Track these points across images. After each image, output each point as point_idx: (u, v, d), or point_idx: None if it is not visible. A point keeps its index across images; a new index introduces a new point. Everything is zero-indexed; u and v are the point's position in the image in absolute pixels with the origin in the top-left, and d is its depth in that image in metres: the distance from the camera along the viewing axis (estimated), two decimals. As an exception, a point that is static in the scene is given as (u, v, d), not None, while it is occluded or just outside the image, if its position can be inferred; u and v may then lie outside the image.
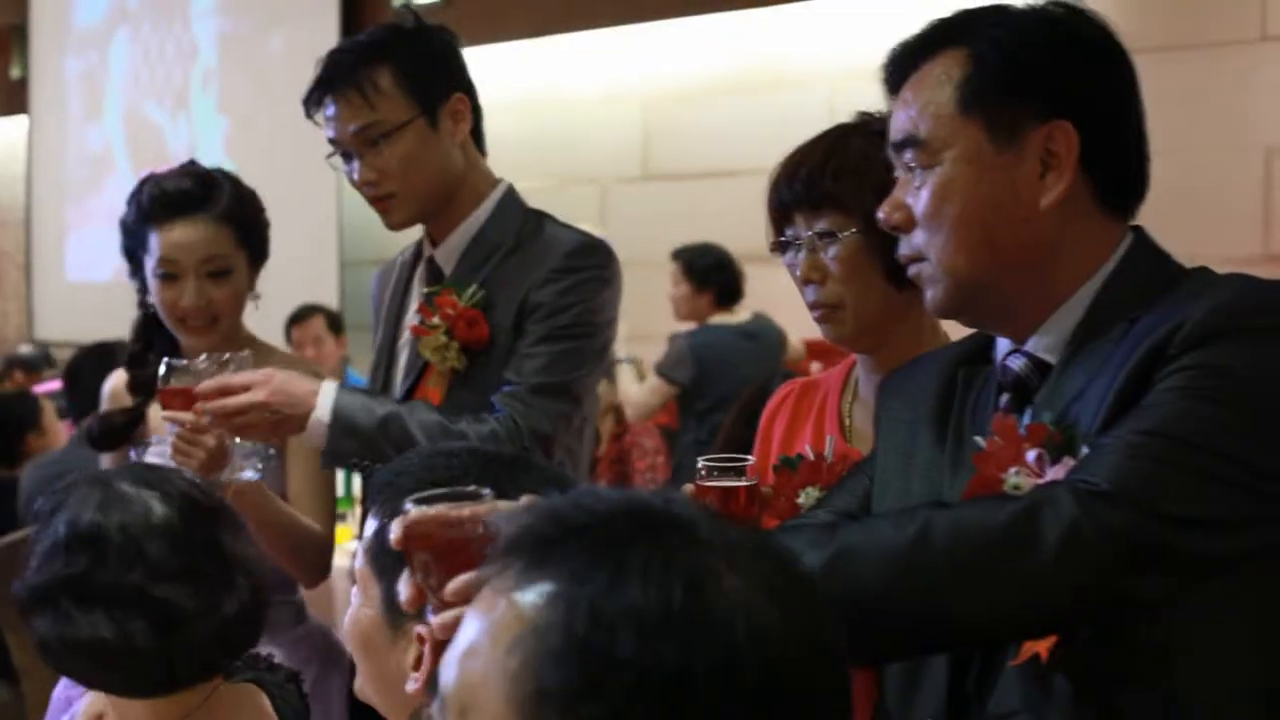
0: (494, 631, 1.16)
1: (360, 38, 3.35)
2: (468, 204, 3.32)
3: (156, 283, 3.48)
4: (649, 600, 1.11)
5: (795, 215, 2.56)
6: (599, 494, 1.22)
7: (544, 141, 8.65)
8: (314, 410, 3.10)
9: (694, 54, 8.25)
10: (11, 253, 12.90)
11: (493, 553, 1.22)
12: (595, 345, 3.25)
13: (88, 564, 2.30)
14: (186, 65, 11.12)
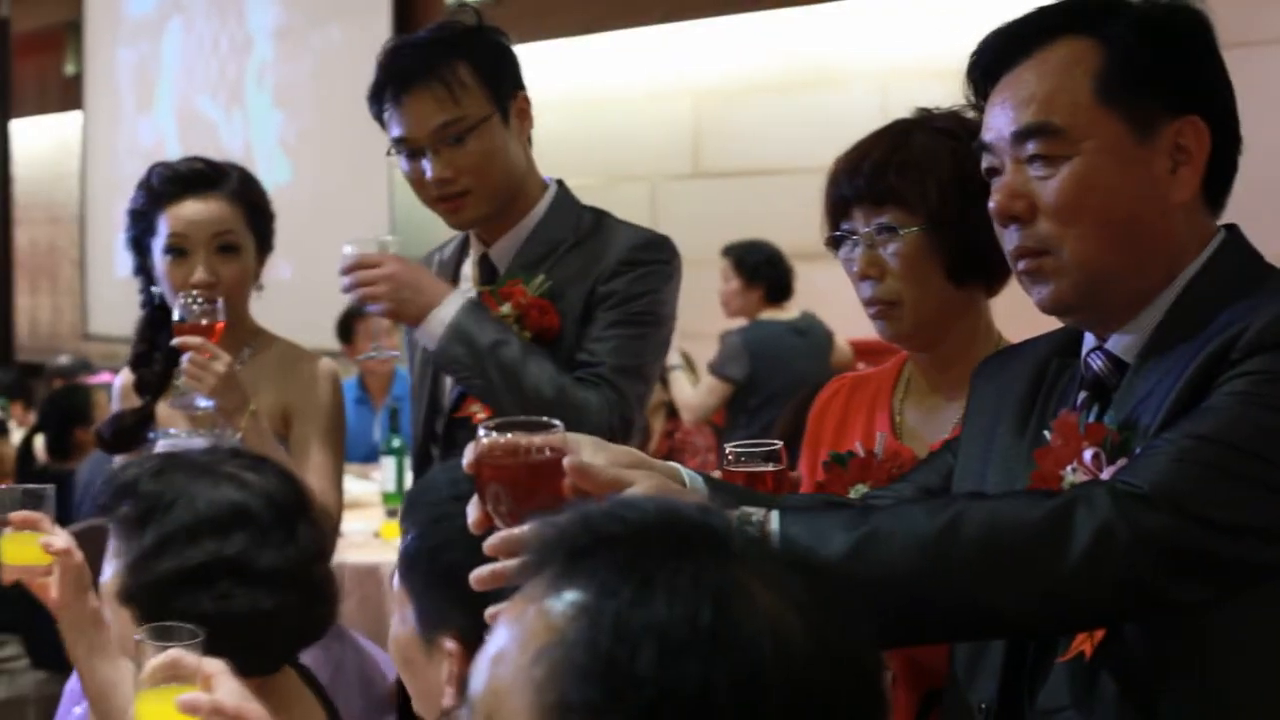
0: (522, 639, 1.15)
1: (426, 34, 3.32)
2: (524, 204, 3.32)
3: (165, 261, 3.50)
4: (674, 616, 1.10)
5: (854, 210, 2.54)
6: (635, 503, 1.22)
7: (594, 139, 8.65)
8: (438, 307, 3.15)
9: (745, 51, 8.24)
10: (66, 249, 12.98)
11: (526, 557, 1.22)
12: (662, 334, 3.26)
13: (247, 542, 2.38)
14: (240, 59, 11.15)
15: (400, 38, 3.36)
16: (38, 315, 13.72)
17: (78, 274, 12.66)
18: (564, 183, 3.40)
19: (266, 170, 9.08)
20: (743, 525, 1.73)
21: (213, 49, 11.38)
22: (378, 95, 3.27)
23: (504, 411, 3.08)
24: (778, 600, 1.14)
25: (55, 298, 13.41)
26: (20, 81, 13.60)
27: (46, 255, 13.46)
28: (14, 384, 10.30)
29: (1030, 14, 2.03)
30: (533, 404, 3.05)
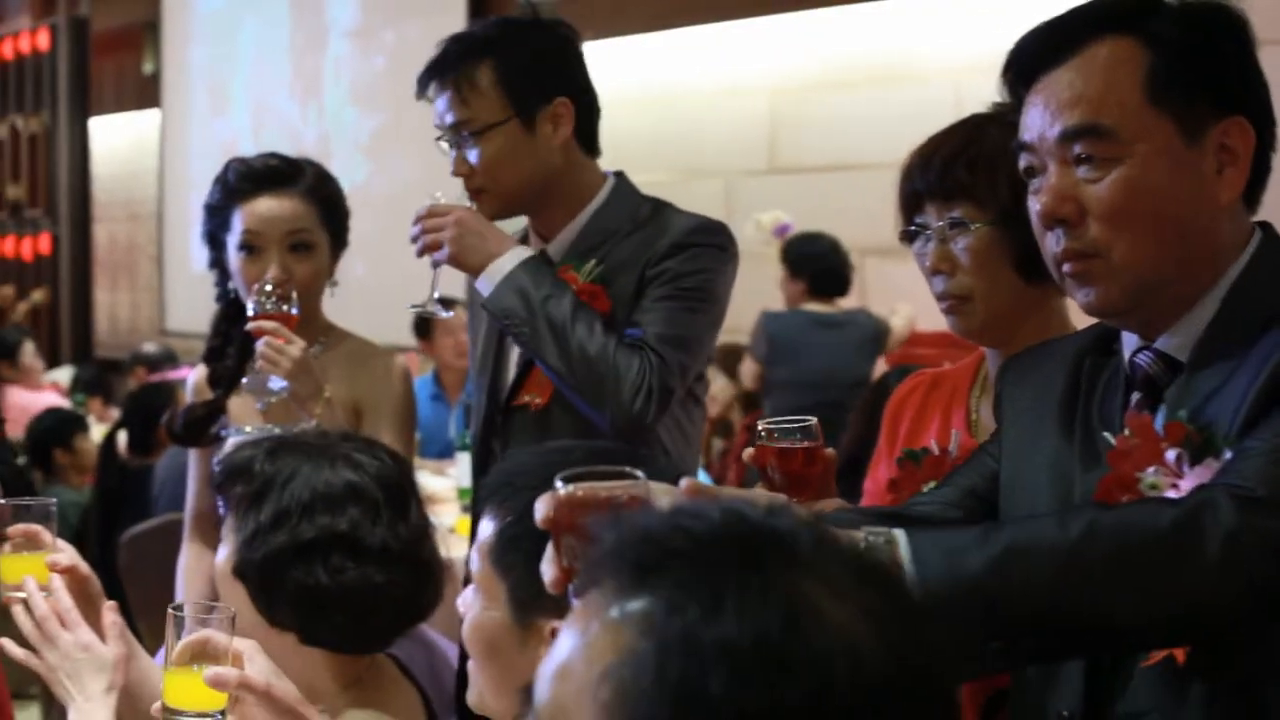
0: (588, 655, 1.14)
1: (474, 30, 3.35)
2: (576, 200, 3.32)
3: (239, 258, 3.51)
4: (743, 634, 1.08)
5: (927, 204, 2.53)
6: (698, 513, 1.18)
7: (669, 135, 8.65)
8: (499, 257, 3.18)
9: (820, 46, 8.22)
10: (144, 245, 13.08)
11: (589, 567, 1.21)
12: (713, 312, 3.25)
13: (359, 519, 2.42)
14: (316, 57, 11.20)
15: (455, 33, 3.38)
16: (117, 312, 13.83)
17: (156, 270, 12.75)
18: (625, 175, 3.40)
19: (342, 168, 9.05)
20: (869, 547, 1.73)
21: (289, 47, 11.44)
22: (419, 85, 3.32)
23: (548, 364, 3.12)
24: (849, 612, 1.12)
25: (134, 294, 13.51)
26: (99, 80, 13.72)
27: (125, 252, 13.57)
28: (94, 380, 10.39)
29: (1068, 13, 2.01)
30: (576, 360, 3.09)
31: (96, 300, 14.01)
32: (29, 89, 14.24)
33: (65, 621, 2.46)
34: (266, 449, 2.53)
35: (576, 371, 3.10)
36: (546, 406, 3.27)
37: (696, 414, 3.36)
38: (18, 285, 14.32)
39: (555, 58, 3.32)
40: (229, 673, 2.18)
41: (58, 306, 13.98)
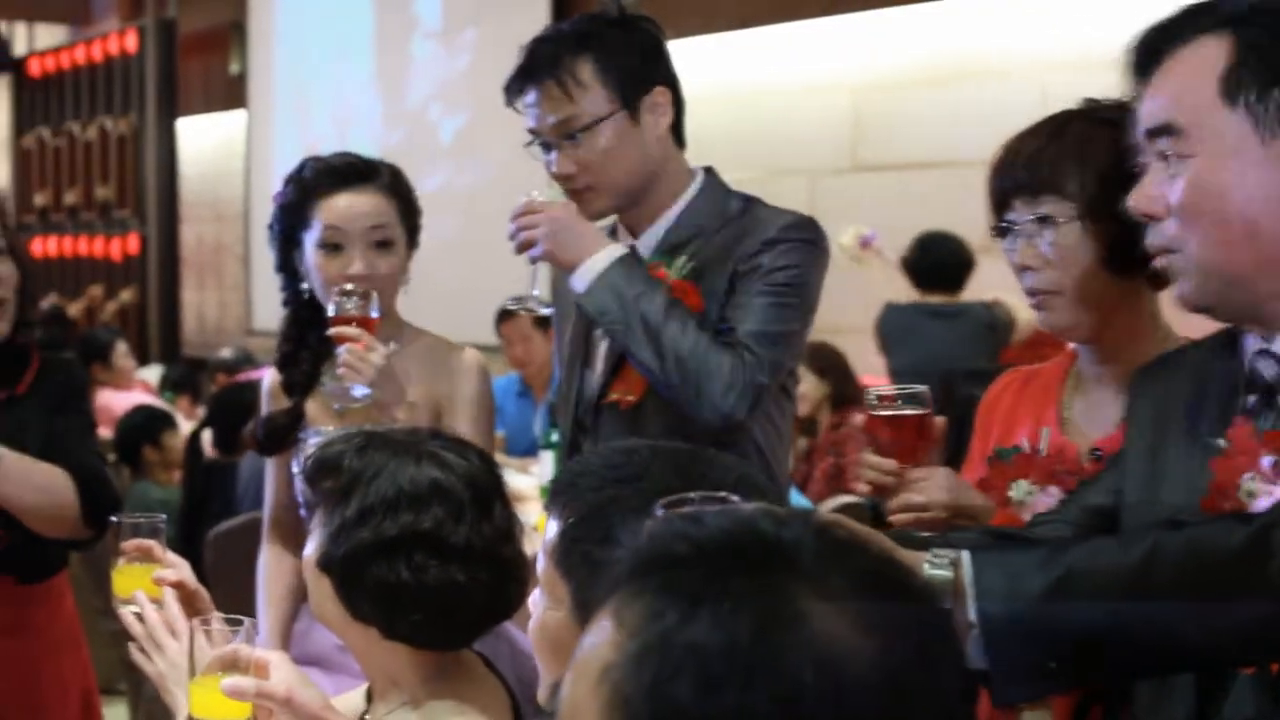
0: (594, 655, 1.16)
1: (563, 27, 3.35)
2: (667, 196, 3.32)
3: (319, 255, 3.50)
4: (712, 641, 1.08)
5: (1015, 200, 2.52)
6: (707, 520, 1.18)
7: (752, 133, 8.64)
8: (591, 257, 3.19)
9: (904, 44, 8.18)
10: (231, 245, 13.17)
11: (612, 576, 1.21)
12: (805, 307, 3.25)
13: (443, 518, 2.42)
14: (400, 56, 11.25)
15: (542, 31, 3.38)
16: (204, 311, 13.94)
17: (242, 270, 12.85)
18: (714, 171, 3.39)
19: (424, 169, 9.15)
20: (934, 568, 1.72)
21: (372, 48, 11.49)
22: (509, 88, 3.31)
23: (642, 361, 3.13)
24: (839, 623, 1.10)
25: (221, 293, 13.62)
26: (186, 81, 13.84)
27: (212, 252, 13.68)
28: (181, 379, 10.48)
29: (1179, 10, 2.00)
30: (669, 357, 3.10)
31: (184, 300, 14.13)
32: (117, 91, 14.38)
33: (173, 631, 2.53)
34: (356, 445, 2.55)
35: (669, 368, 3.11)
36: (638, 404, 3.28)
37: (788, 409, 3.36)
38: (107, 285, 14.47)
39: (650, 48, 3.33)
40: (247, 682, 2.21)
41: (146, 306, 14.12)
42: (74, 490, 3.50)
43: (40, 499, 3.47)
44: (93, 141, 14.76)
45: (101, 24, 15.03)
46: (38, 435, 3.52)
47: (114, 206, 14.49)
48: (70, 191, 15.13)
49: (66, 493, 3.49)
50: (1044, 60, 7.36)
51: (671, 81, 3.33)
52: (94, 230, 14.78)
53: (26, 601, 3.58)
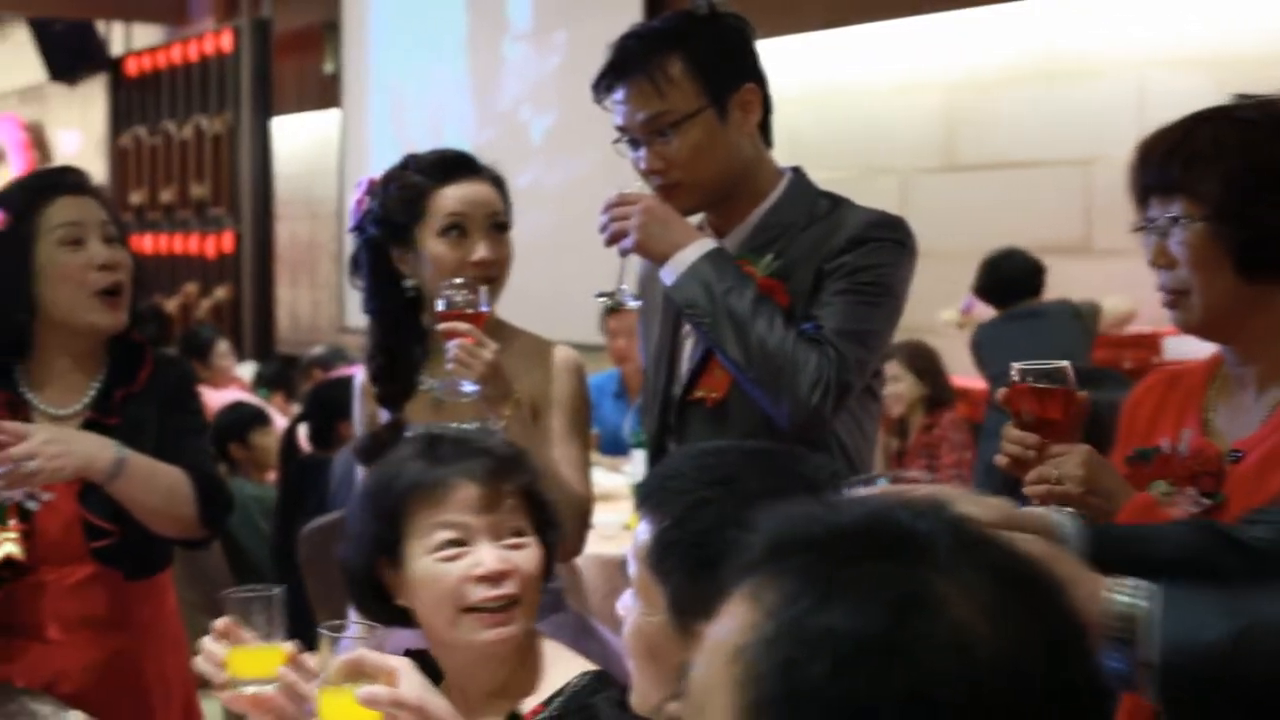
0: (728, 634, 1.16)
1: (653, 24, 3.35)
2: (755, 194, 3.32)
3: (442, 243, 3.52)
4: (849, 624, 1.09)
5: (1151, 198, 2.51)
6: (844, 506, 1.21)
7: (843, 132, 8.62)
8: (681, 250, 3.20)
9: (996, 42, 8.14)
10: (325, 243, 13.26)
11: (743, 558, 1.22)
12: (891, 306, 3.24)
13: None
14: (492, 55, 11.29)
15: (632, 28, 3.39)
16: (297, 308, 14.04)
17: (336, 268, 12.92)
18: (802, 170, 3.39)
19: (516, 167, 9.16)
20: (1117, 594, 1.71)
21: (465, 47, 11.53)
22: (597, 85, 3.32)
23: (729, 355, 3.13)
24: (972, 612, 1.11)
25: (314, 291, 13.70)
26: (281, 81, 13.93)
27: (306, 250, 13.77)
28: (276, 375, 10.55)
29: None
30: (755, 353, 3.10)
31: (278, 297, 14.23)
32: (213, 90, 14.50)
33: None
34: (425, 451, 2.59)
35: (756, 364, 3.11)
36: (723, 401, 3.28)
37: (874, 409, 3.35)
38: (202, 282, 14.59)
39: (739, 46, 3.33)
40: (382, 691, 2.22)
41: (240, 303, 14.23)
42: (192, 490, 3.53)
43: (162, 500, 3.50)
44: (188, 140, 14.89)
45: (198, 24, 15.15)
46: (153, 433, 3.55)
47: (209, 205, 14.61)
48: (166, 190, 15.26)
49: (186, 493, 3.52)
50: (1140, 58, 7.29)
51: (760, 79, 3.33)
52: (189, 228, 14.91)
53: (133, 598, 3.61)
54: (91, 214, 3.56)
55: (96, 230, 3.54)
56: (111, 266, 3.53)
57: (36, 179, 3.71)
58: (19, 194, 3.60)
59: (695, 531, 1.91)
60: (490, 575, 2.54)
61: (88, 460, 3.35)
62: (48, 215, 3.52)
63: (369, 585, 2.65)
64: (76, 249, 3.51)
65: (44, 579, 3.53)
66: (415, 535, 2.57)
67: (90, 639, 3.56)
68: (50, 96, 18.20)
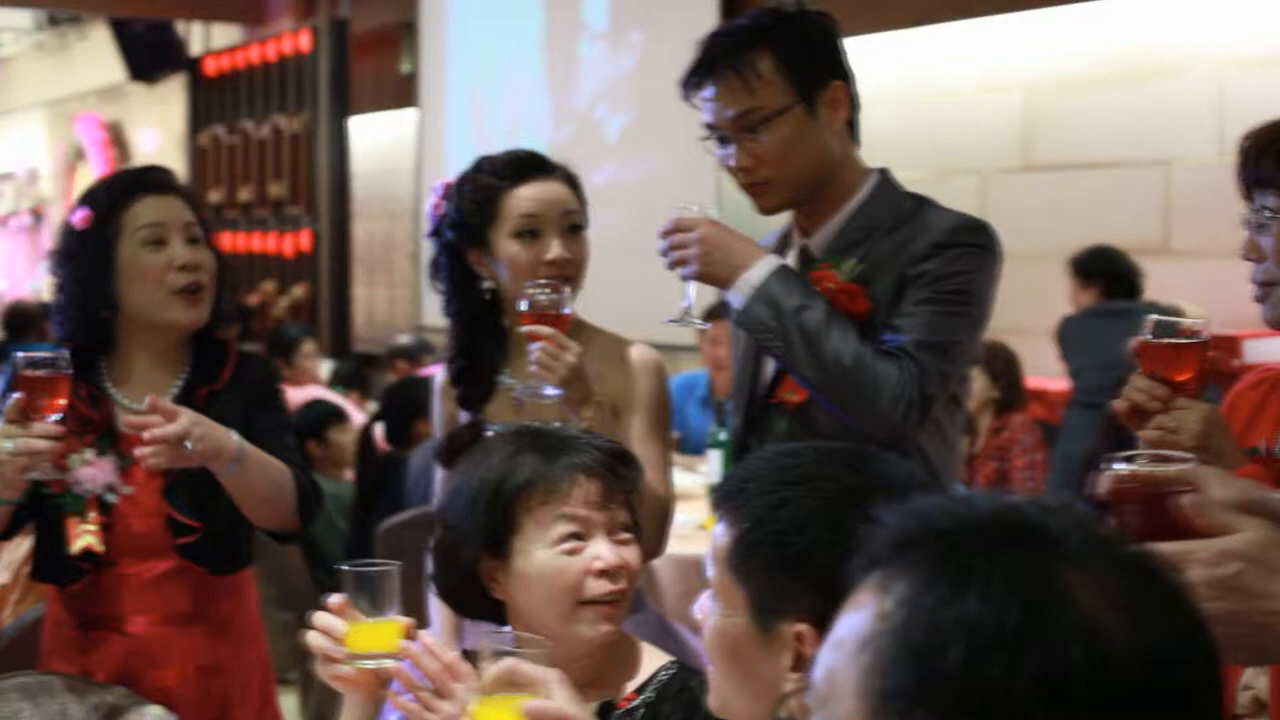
0: (856, 624, 1.17)
1: (741, 21, 3.34)
2: (842, 193, 3.31)
3: (516, 244, 3.51)
4: (983, 614, 1.11)
5: (1251, 192, 2.50)
6: (973, 499, 1.22)
7: (922, 132, 8.58)
8: (746, 271, 3.17)
9: (1076, 41, 8.08)
10: (402, 242, 13.31)
11: (869, 550, 1.23)
12: (975, 314, 3.21)
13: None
14: (569, 55, 11.31)
15: (720, 25, 3.38)
16: (373, 306, 14.10)
17: (412, 267, 12.97)
18: (889, 172, 3.37)
19: (589, 164, 9.16)
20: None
21: (542, 47, 11.56)
22: (686, 82, 3.31)
23: (803, 375, 3.11)
24: (1103, 604, 1.12)
25: (391, 290, 13.76)
26: (358, 80, 14.00)
27: (382, 248, 13.83)
28: (352, 374, 10.60)
29: None
30: (831, 370, 3.07)
31: (354, 295, 14.30)
32: (290, 89, 14.59)
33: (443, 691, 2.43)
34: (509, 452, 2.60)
35: (832, 381, 3.09)
36: (804, 404, 3.26)
37: (958, 416, 3.32)
38: (279, 281, 14.69)
39: (826, 43, 3.32)
40: (549, 706, 2.15)
41: (317, 302, 14.31)
42: (293, 483, 3.56)
43: (271, 490, 3.52)
44: (266, 139, 14.99)
45: (276, 24, 15.24)
46: (238, 430, 3.57)
47: (287, 203, 14.70)
48: (244, 188, 15.37)
49: (289, 485, 3.55)
50: (1223, 57, 7.23)
51: (848, 77, 3.32)
52: (267, 227, 15.01)
53: (214, 593, 3.63)
54: (175, 214, 3.58)
55: (179, 231, 3.56)
56: (192, 267, 3.54)
57: (121, 178, 3.73)
58: (104, 193, 3.62)
59: (775, 532, 1.90)
60: (609, 569, 2.56)
61: (220, 446, 3.36)
62: (131, 215, 3.54)
63: (469, 579, 2.65)
64: (158, 249, 3.53)
65: (126, 572, 3.55)
66: (530, 529, 2.57)
67: (171, 634, 3.58)
68: (130, 96, 18.36)
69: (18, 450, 3.24)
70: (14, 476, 3.29)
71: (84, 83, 19.77)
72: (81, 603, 3.59)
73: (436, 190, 3.70)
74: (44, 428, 3.27)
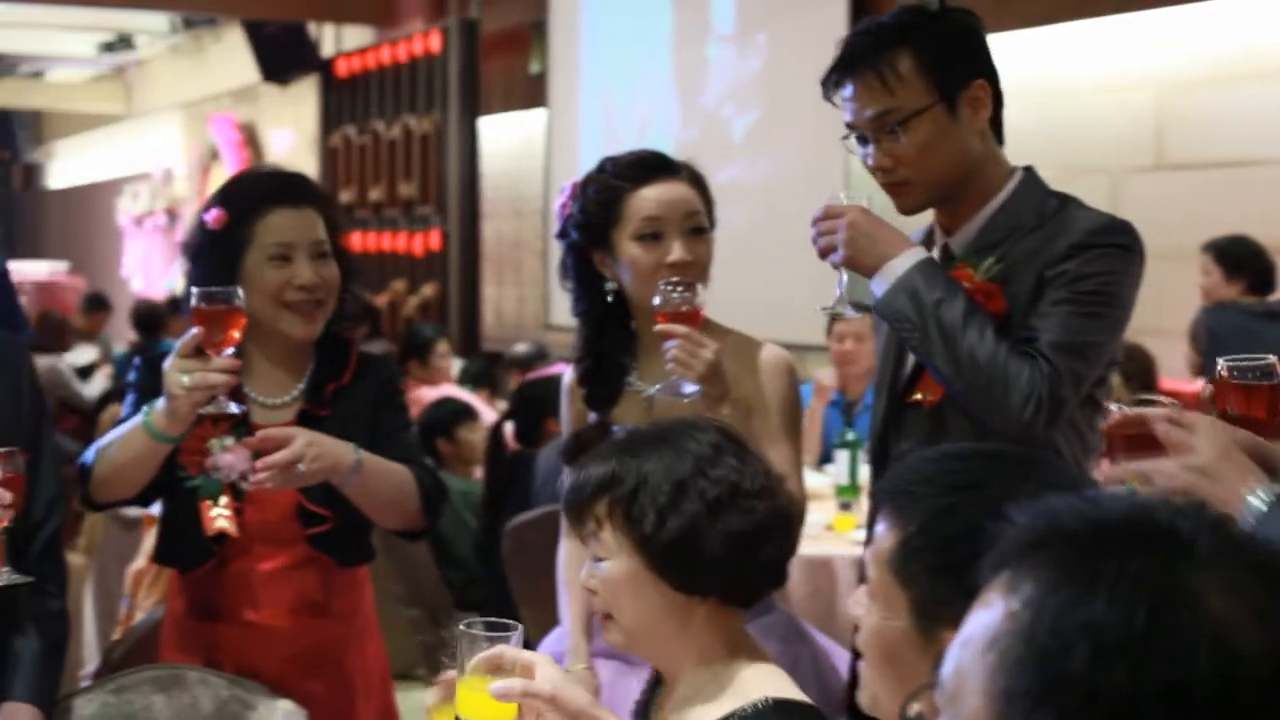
0: (984, 624, 1.18)
1: (882, 20, 3.33)
2: (984, 192, 3.28)
3: (638, 246, 3.52)
4: (1109, 617, 1.10)
5: None
6: (1103, 499, 1.22)
7: (1053, 131, 8.50)
8: (891, 260, 3.18)
9: (1209, 39, 7.98)
10: (530, 241, 13.37)
11: (999, 549, 1.23)
12: (1114, 316, 3.18)
13: (736, 464, 2.54)
14: (697, 56, 11.31)
15: (861, 24, 3.37)
16: (503, 305, 14.16)
17: (540, 266, 13.02)
18: (1033, 170, 3.35)
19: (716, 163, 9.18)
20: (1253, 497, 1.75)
21: (670, 47, 11.57)
22: (826, 81, 3.30)
23: (938, 368, 3.10)
24: (1235, 610, 1.11)
25: (519, 289, 13.82)
26: (488, 80, 14.07)
27: (511, 248, 13.89)
28: (481, 372, 10.65)
29: None
30: (965, 365, 3.06)
31: (484, 295, 14.37)
32: (420, 90, 14.69)
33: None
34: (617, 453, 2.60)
35: (965, 376, 3.08)
36: (939, 404, 3.25)
37: (1096, 419, 3.27)
38: (409, 280, 14.79)
39: (968, 41, 3.30)
40: (513, 683, 2.27)
41: (447, 301, 14.39)
42: (415, 484, 3.59)
43: (392, 496, 3.56)
44: (397, 140, 15.10)
45: (406, 25, 15.35)
46: (364, 427, 3.61)
47: (417, 203, 14.80)
48: (375, 188, 15.49)
49: (411, 488, 3.59)
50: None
51: (991, 75, 3.30)
52: (397, 226, 15.12)
53: (337, 587, 3.68)
54: (304, 231, 3.60)
55: (306, 249, 3.58)
56: (312, 288, 3.58)
57: (259, 184, 3.73)
58: (239, 196, 3.65)
59: (941, 538, 1.90)
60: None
61: (336, 463, 3.42)
62: (263, 227, 3.57)
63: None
64: (282, 265, 3.57)
65: (256, 563, 3.60)
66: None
67: (296, 626, 3.63)
68: (263, 97, 18.58)
69: (194, 384, 3.30)
70: (189, 411, 3.35)
71: (218, 84, 20.04)
72: (205, 593, 3.64)
73: (565, 190, 3.71)
74: (221, 361, 3.33)
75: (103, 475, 3.52)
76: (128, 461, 3.48)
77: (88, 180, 26.70)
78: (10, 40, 20.98)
